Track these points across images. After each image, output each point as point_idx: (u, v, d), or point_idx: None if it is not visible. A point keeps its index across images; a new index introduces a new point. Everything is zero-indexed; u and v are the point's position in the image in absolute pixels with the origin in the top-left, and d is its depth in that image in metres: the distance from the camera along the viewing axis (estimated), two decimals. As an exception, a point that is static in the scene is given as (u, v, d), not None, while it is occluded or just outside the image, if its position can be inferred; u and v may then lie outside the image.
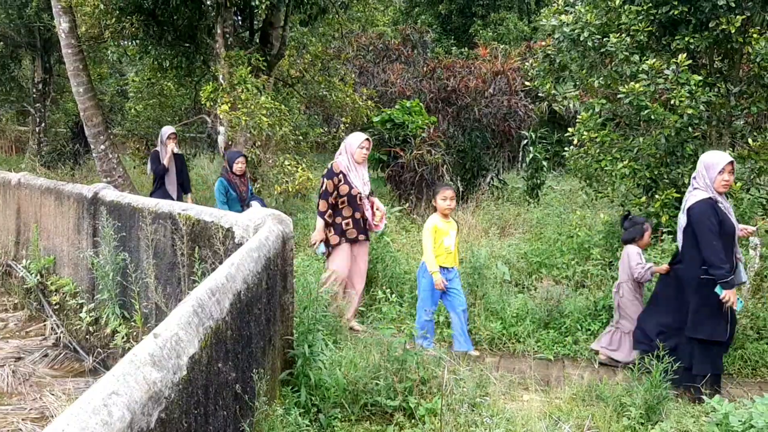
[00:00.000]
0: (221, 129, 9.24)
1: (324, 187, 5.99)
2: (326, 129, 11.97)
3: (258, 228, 4.27)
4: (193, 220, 5.22)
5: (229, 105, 8.46)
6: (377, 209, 6.23)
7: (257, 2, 8.28)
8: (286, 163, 8.40)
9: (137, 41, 10.37)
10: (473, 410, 4.10)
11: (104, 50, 12.47)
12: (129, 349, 3.25)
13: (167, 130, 8.52)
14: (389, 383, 4.25)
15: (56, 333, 7.23)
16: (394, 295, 4.96)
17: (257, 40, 9.89)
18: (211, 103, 8.90)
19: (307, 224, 9.02)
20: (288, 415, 3.66)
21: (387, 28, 16.31)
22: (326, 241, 6.04)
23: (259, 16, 9.19)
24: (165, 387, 2.02)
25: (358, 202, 6.02)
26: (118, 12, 9.43)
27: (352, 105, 10.38)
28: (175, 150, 8.43)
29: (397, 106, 10.81)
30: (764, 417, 3.51)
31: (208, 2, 8.93)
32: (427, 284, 5.56)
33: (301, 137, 9.59)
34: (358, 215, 6.03)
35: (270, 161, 8.72)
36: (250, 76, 8.56)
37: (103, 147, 10.75)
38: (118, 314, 6.40)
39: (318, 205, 6.05)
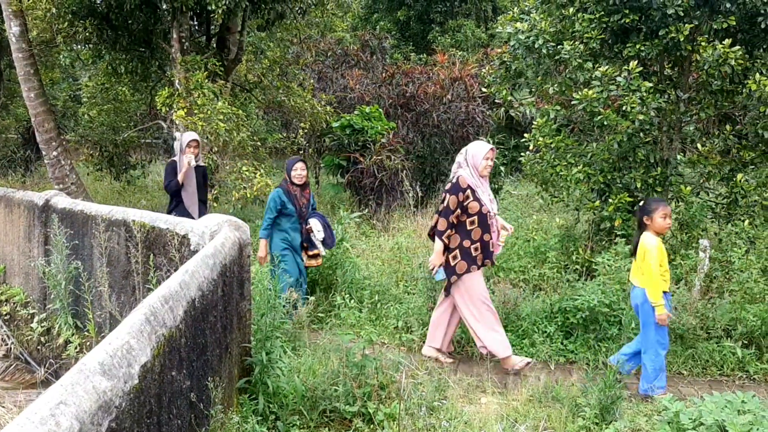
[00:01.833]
0: (177, 134, 9.12)
1: (446, 203, 5.21)
2: (285, 134, 11.92)
3: (214, 235, 4.23)
4: (147, 227, 5.14)
5: (185, 110, 8.36)
6: (503, 228, 5.52)
7: (214, 7, 8.21)
8: (244, 169, 8.33)
9: (91, 45, 10.19)
10: (431, 414, 4.12)
11: (56, 54, 12.21)
12: (80, 359, 3.18)
13: (188, 136, 7.15)
14: (348, 389, 4.24)
15: (6, 344, 7.04)
16: (353, 301, 4.95)
17: (214, 45, 9.80)
18: (167, 109, 8.79)
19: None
20: (245, 422, 3.63)
21: (346, 34, 16.34)
22: (447, 267, 5.32)
23: (216, 20, 9.12)
24: (115, 396, 1.99)
25: (488, 222, 5.33)
26: (70, 16, 9.24)
27: (310, 110, 10.36)
28: (193, 162, 7.01)
29: (356, 112, 10.83)
30: (713, 414, 3.60)
31: (164, 6, 8.82)
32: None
33: (259, 143, 9.53)
34: (487, 237, 5.31)
35: (228, 167, 8.64)
36: (206, 81, 8.48)
37: (55, 153, 10.51)
38: (71, 324, 6.26)
39: (437, 223, 5.30)
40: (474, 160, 5.31)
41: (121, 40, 9.80)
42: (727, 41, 6.23)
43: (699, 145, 7.20)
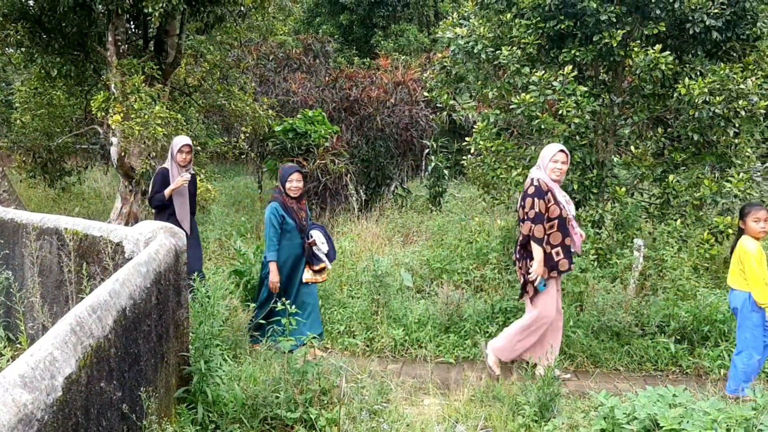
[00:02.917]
0: (114, 140, 8.88)
1: (536, 209, 4.96)
2: (226, 139, 11.75)
3: (149, 242, 4.13)
4: (80, 235, 4.98)
5: (122, 115, 8.15)
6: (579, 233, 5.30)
7: (150, 10, 8.03)
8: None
9: (23, 49, 9.82)
10: (374, 418, 4.11)
11: (-13, 59, 11.74)
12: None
13: (179, 141, 6.24)
14: (289, 395, 4.20)
15: (-68, 360, 6.71)
16: (294, 307, 4.90)
17: (152, 49, 9.59)
18: (103, 113, 8.55)
19: (206, 237, 8.81)
20: (182, 433, 3.55)
21: (288, 38, 16.22)
22: (526, 274, 5.11)
23: (153, 23, 8.92)
24: (37, 409, 1.92)
25: (568, 226, 5.13)
26: (1, 19, 8.91)
27: (252, 114, 10.23)
28: (188, 176, 6.15)
29: (299, 116, 10.75)
30: (646, 409, 3.70)
31: (99, 9, 8.58)
32: (759, 320, 4.71)
33: (199, 148, 9.36)
34: (568, 241, 5.12)
35: (167, 173, 8.44)
36: (143, 85, 8.28)
37: (-15, 160, 10.10)
38: (2, 336, 6.01)
39: (530, 231, 5.01)
40: (543, 162, 5.13)
41: (54, 44, 9.48)
42: (657, 47, 6.44)
43: (633, 148, 7.41)
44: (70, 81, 10.32)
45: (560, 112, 6.55)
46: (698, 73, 7.05)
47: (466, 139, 7.87)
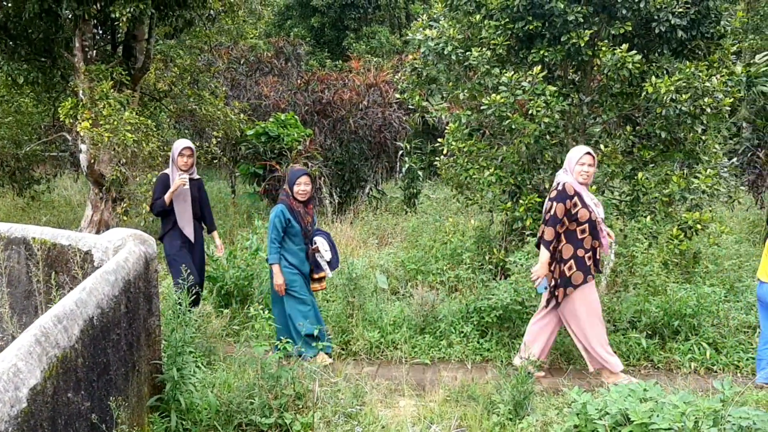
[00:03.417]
0: (83, 147, 8.77)
1: (553, 212, 4.92)
2: (198, 144, 11.66)
3: (118, 249, 4.09)
4: (48, 244, 4.91)
5: (91, 121, 8.06)
6: (608, 235, 5.26)
7: (118, 15, 7.96)
8: (155, 180, 8.08)
9: (-12, 56, 9.66)
10: (348, 421, 4.11)
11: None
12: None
13: (180, 144, 6.06)
14: (264, 401, 4.18)
15: None
16: (267, 312, 4.89)
17: (120, 54, 9.49)
18: (71, 120, 8.45)
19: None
20: (155, 442, 3.52)
21: (259, 41, 16.15)
22: (561, 278, 5.03)
23: (121, 28, 8.83)
24: (0, 421, 1.89)
25: (597, 229, 5.06)
26: (-36, 26, 8.77)
27: (223, 119, 10.17)
28: (186, 178, 5.94)
29: (271, 119, 10.71)
30: (617, 404, 3.75)
31: (66, 15, 8.46)
32: None
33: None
34: (596, 244, 5.07)
35: (137, 179, 8.36)
36: (112, 90, 8.19)
37: (-50, 169, 9.92)
38: (-31, 349, 5.90)
39: (543, 233, 4.98)
40: (569, 164, 5.07)
41: (20, 50, 9.35)
42: (624, 46, 6.52)
43: (602, 146, 7.50)
44: (37, 88, 10.18)
45: (530, 112, 6.61)
46: (665, 72, 7.16)
47: (439, 140, 7.90)
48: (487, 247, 7.63)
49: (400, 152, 12.67)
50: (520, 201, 7.19)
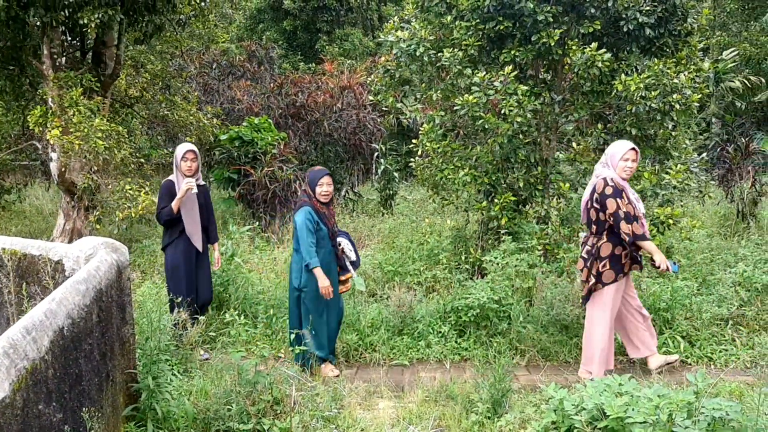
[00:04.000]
0: (53, 155, 8.64)
1: (624, 208, 4.82)
2: (171, 150, 11.55)
3: (90, 258, 4.03)
4: (19, 254, 4.83)
5: (61, 129, 7.95)
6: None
7: (86, 21, 7.86)
8: (128, 187, 7.99)
9: (-46, 65, 9.48)
10: (327, 425, 4.10)
11: None
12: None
13: (183, 147, 5.69)
14: (241, 407, 4.15)
15: None
16: (243, 317, 4.86)
17: (90, 60, 9.37)
18: (41, 128, 8.33)
19: (154, 250, 8.65)
20: (131, 452, 3.48)
21: (231, 45, 16.06)
22: (596, 275, 4.99)
23: (90, 35, 8.72)
24: (-33, 440, 1.85)
25: (640, 224, 4.94)
26: (-71, 36, 8.60)
27: (196, 124, 10.09)
28: (194, 184, 5.53)
29: (245, 124, 10.65)
30: (593, 399, 3.78)
31: (34, 21, 8.33)
32: None
33: (143, 160, 9.19)
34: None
35: (110, 186, 8.26)
36: (82, 98, 8.09)
37: None
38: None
39: (632, 232, 4.80)
40: (612, 160, 4.98)
41: (-14, 58, 9.21)
42: (594, 45, 6.60)
43: (575, 144, 7.57)
44: (6, 96, 10.01)
45: (503, 111, 6.65)
46: (634, 69, 7.25)
47: (414, 141, 7.92)
48: (463, 246, 7.66)
49: (376, 154, 12.68)
50: (495, 200, 7.23)
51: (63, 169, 8.63)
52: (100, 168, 8.19)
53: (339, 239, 5.49)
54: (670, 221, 6.63)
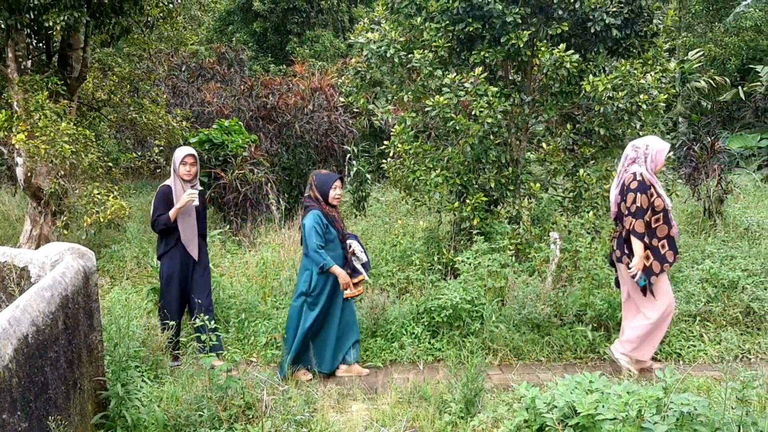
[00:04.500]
0: (19, 160, 8.48)
1: (638, 204, 5.03)
2: (140, 153, 11.41)
3: (56, 264, 3.96)
4: (-18, 261, 4.73)
5: (26, 133, 7.80)
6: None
7: (52, 23, 7.74)
8: (96, 192, 7.87)
9: None
10: (300, 429, 4.07)
11: None
12: None
13: (182, 151, 5.48)
14: (213, 413, 4.11)
15: None
16: (213, 322, 4.81)
17: (55, 63, 9.22)
18: (6, 133, 8.17)
19: (123, 255, 8.53)
20: (100, 461, 3.42)
21: (201, 47, 15.91)
22: (643, 270, 5.12)
23: (56, 37, 8.58)
24: (-74, 453, 1.80)
25: (669, 217, 5.19)
26: None
27: (165, 127, 9.97)
28: (196, 197, 5.40)
29: (215, 126, 10.56)
30: (564, 397, 3.81)
31: (-3, 23, 8.18)
32: None
33: (111, 164, 9.06)
34: (672, 232, 5.19)
35: (77, 191, 8.13)
36: (48, 101, 7.95)
37: None
38: None
39: (633, 226, 5.06)
40: (658, 157, 5.17)
41: (-52, 62, 9.00)
42: (562, 46, 6.67)
43: (544, 144, 7.64)
44: (-30, 100, 9.82)
45: (474, 112, 6.68)
46: (602, 70, 7.34)
47: (386, 142, 7.92)
48: (436, 247, 7.67)
49: (348, 156, 12.65)
50: (467, 201, 7.27)
51: (29, 174, 8.48)
52: (67, 172, 8.06)
53: (349, 241, 5.50)
54: (639, 220, 6.71)
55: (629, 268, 5.13)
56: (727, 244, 8.02)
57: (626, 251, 5.20)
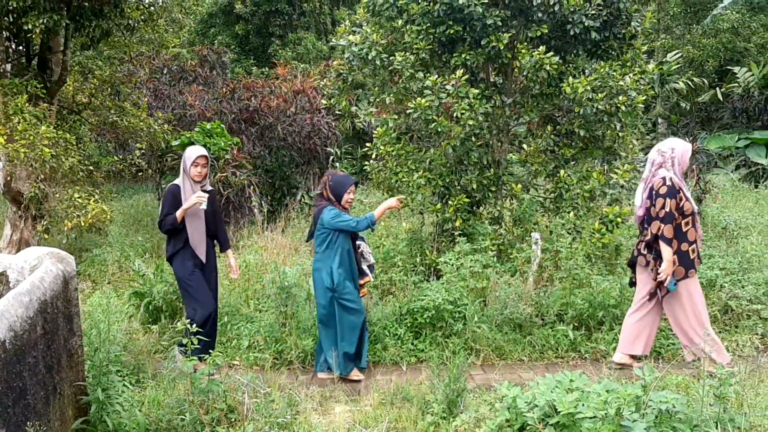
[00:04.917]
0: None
1: (667, 208, 5.05)
2: (122, 157, 11.34)
3: (35, 269, 3.93)
4: (-40, 266, 4.68)
5: (5, 137, 7.73)
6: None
7: (31, 26, 7.68)
8: (76, 196, 7.81)
9: None
10: (283, 431, 4.07)
11: None
12: None
13: (194, 152, 5.36)
14: (195, 417, 4.10)
15: None
16: (195, 325, 4.78)
17: (35, 66, 9.14)
18: (-15, 137, 8.08)
19: (105, 259, 8.48)
20: (81, 466, 3.40)
21: (182, 50, 15.83)
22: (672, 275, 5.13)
23: (35, 40, 8.51)
24: None
25: (695, 221, 5.22)
26: None
27: (147, 130, 9.92)
28: (205, 201, 5.30)
29: (197, 129, 10.51)
30: (545, 396, 3.85)
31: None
32: None
33: (92, 167, 8.99)
34: (698, 237, 5.23)
35: (58, 195, 8.06)
36: (27, 105, 7.88)
37: None
38: None
39: (661, 231, 5.06)
40: (683, 158, 5.21)
41: (-74, 65, 8.89)
42: (542, 48, 6.72)
43: (525, 146, 7.70)
44: (-53, 104, 9.68)
45: (455, 114, 6.72)
46: (581, 72, 7.41)
47: (368, 144, 7.94)
48: (419, 248, 7.70)
49: (331, 158, 12.65)
50: (450, 202, 7.30)
51: (9, 178, 8.40)
52: (47, 176, 7.99)
53: (358, 242, 5.59)
54: (619, 220, 6.79)
55: (658, 273, 5.14)
56: (705, 243, 8.13)
57: (653, 255, 5.21)
